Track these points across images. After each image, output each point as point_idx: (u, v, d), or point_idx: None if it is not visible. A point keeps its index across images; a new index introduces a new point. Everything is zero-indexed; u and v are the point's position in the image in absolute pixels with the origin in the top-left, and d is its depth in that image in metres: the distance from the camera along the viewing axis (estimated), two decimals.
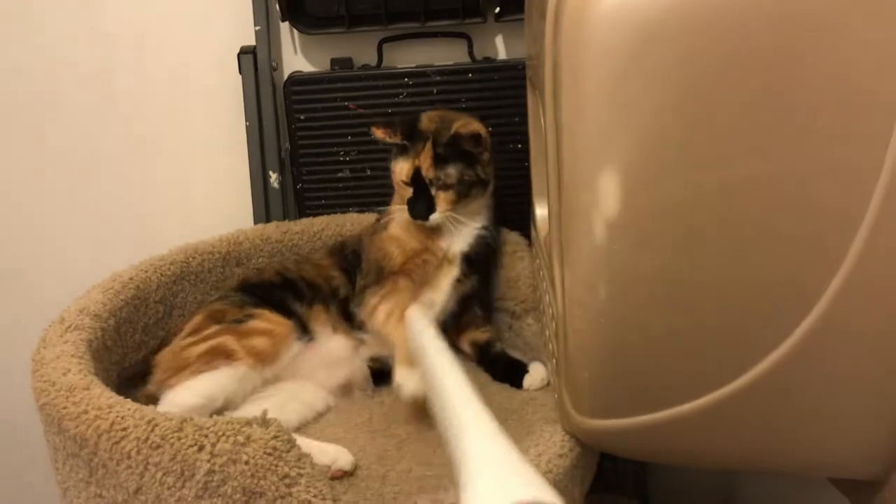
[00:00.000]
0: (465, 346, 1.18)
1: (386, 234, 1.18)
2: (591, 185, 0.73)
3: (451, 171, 1.12)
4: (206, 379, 0.98)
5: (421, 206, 1.12)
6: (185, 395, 0.97)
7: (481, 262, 1.18)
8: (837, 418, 0.78)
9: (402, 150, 1.14)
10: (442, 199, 1.12)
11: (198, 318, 1.09)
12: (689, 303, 0.75)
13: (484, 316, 1.20)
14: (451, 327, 1.19)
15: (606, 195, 0.72)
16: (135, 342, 1.10)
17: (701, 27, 0.67)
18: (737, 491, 1.46)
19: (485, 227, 1.18)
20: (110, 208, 1.50)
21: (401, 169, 1.14)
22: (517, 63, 1.33)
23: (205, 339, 1.04)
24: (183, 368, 1.00)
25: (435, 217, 1.12)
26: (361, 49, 1.38)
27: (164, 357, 1.04)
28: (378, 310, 1.10)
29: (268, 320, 1.08)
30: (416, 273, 1.15)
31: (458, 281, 1.15)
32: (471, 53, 1.36)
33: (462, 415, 0.65)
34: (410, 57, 1.38)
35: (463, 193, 1.13)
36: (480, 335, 1.17)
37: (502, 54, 1.40)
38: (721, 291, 0.74)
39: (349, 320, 1.14)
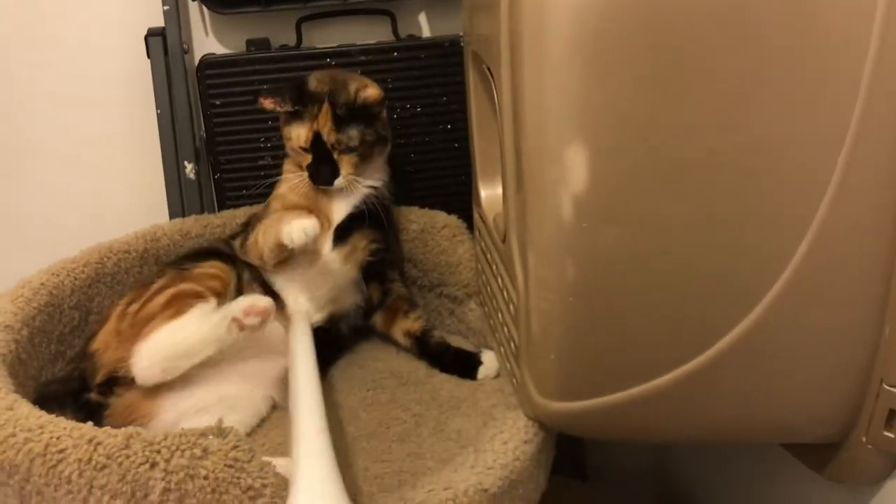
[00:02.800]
0: (399, 338, 1.13)
1: (271, 196, 1.15)
2: (556, 161, 0.71)
3: (354, 133, 1.08)
4: (184, 319, 0.92)
5: (325, 171, 1.08)
6: (168, 335, 0.91)
7: (371, 226, 1.13)
8: (798, 386, 0.79)
9: (296, 116, 1.10)
10: (346, 163, 1.09)
11: (128, 297, 1.01)
12: (658, 278, 0.74)
13: (408, 298, 1.16)
14: (378, 318, 1.15)
15: (572, 170, 0.70)
16: (50, 353, 1.02)
17: None
18: (674, 464, 1.49)
19: (373, 187, 1.14)
20: (9, 208, 1.39)
21: (297, 135, 1.10)
22: (443, 40, 1.30)
23: (159, 292, 0.97)
24: (149, 321, 0.93)
25: (339, 181, 1.09)
26: (279, 29, 1.32)
27: (106, 338, 0.96)
28: (256, 237, 1.07)
29: (209, 266, 1.03)
30: None
31: (347, 247, 1.11)
32: (395, 31, 1.32)
33: (302, 428, 0.77)
34: (331, 36, 1.34)
35: (366, 155, 1.10)
36: (413, 324, 1.12)
37: (427, 31, 1.36)
38: (689, 266, 0.73)
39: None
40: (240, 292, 1.04)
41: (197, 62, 1.29)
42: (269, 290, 1.08)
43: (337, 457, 0.90)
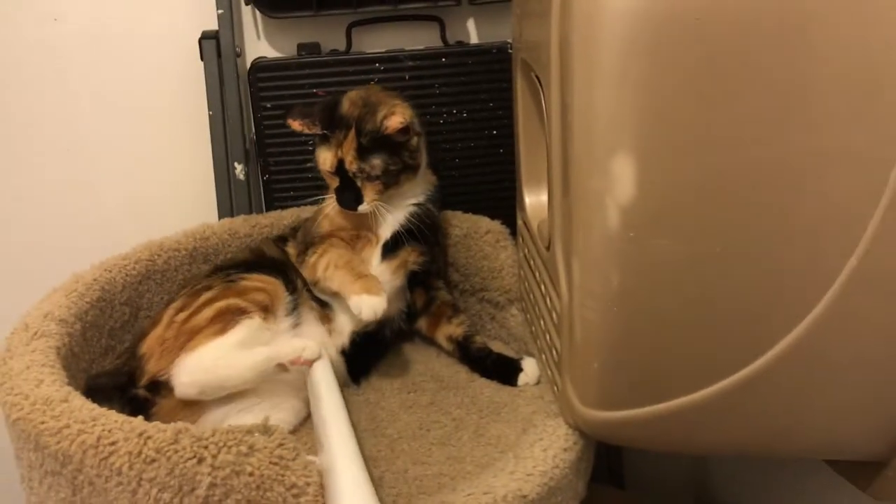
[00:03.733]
0: (443, 342, 1.14)
1: (320, 213, 1.14)
2: (604, 169, 0.71)
3: (376, 163, 1.06)
4: (232, 335, 0.94)
5: (349, 196, 1.07)
6: (212, 357, 0.92)
7: (417, 239, 1.11)
8: (845, 402, 0.77)
9: (324, 139, 1.08)
10: (369, 189, 1.07)
11: (179, 302, 1.02)
12: (703, 289, 0.74)
13: (452, 303, 1.16)
14: (423, 323, 1.16)
15: (620, 179, 0.70)
16: (101, 347, 1.04)
17: (719, 7, 0.65)
18: (713, 475, 1.47)
19: (419, 204, 1.13)
20: (66, 205, 1.42)
21: (324, 159, 1.08)
22: (491, 47, 1.31)
23: (207, 304, 0.98)
24: (195, 335, 0.94)
25: (363, 207, 1.07)
26: (329, 33, 1.33)
27: (152, 344, 0.97)
28: (318, 264, 1.06)
29: (257, 279, 1.03)
30: (347, 240, 1.11)
31: (396, 261, 1.11)
32: (443, 37, 1.32)
33: (339, 470, 0.75)
34: (380, 41, 1.34)
35: (390, 182, 1.08)
36: (455, 329, 1.13)
37: (475, 38, 1.37)
38: (735, 277, 0.73)
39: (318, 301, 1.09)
40: (295, 300, 1.05)
41: (249, 65, 1.31)
42: (319, 298, 1.09)
43: (377, 458, 0.92)
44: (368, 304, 0.98)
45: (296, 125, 1.08)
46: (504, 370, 1.06)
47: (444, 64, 1.31)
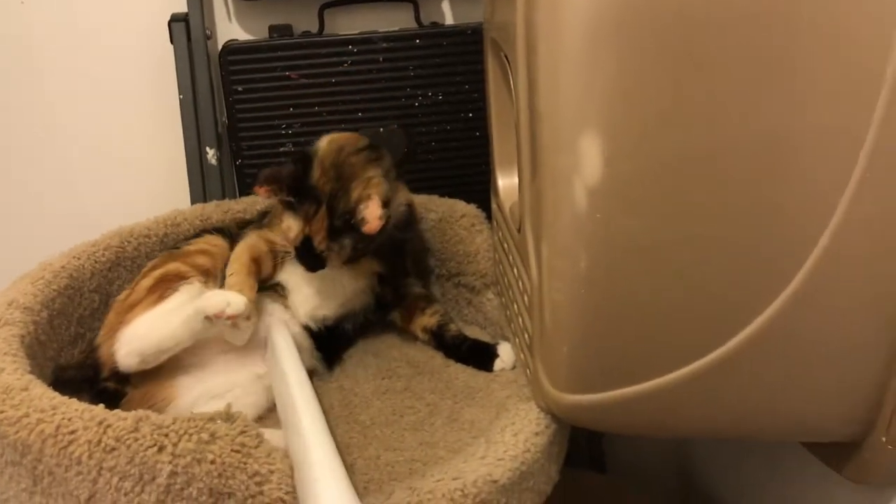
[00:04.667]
0: (419, 333, 1.12)
1: (279, 219, 1.04)
2: (572, 149, 0.70)
3: (346, 243, 0.98)
4: (169, 302, 0.92)
5: (311, 261, 1.00)
6: (146, 324, 0.90)
7: (382, 249, 1.07)
8: (818, 382, 0.77)
9: (290, 206, 0.99)
10: (335, 259, 1.00)
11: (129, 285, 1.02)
12: (673, 270, 0.73)
13: (424, 296, 1.15)
14: (397, 316, 1.14)
15: (588, 159, 0.69)
16: (70, 335, 1.03)
17: None
18: (694, 459, 1.48)
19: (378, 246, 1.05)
20: (31, 192, 1.40)
21: (289, 228, 0.99)
22: (466, 28, 1.29)
23: (146, 275, 0.97)
24: (132, 309, 0.93)
25: (326, 271, 1.02)
26: (301, 15, 1.31)
27: (104, 332, 0.96)
28: (240, 244, 1.03)
29: (202, 242, 1.02)
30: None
31: (356, 267, 1.07)
32: (417, 18, 1.31)
33: (309, 443, 0.73)
34: (354, 23, 1.33)
35: (355, 258, 1.02)
36: (429, 319, 1.11)
37: (450, 19, 1.35)
38: (706, 257, 0.72)
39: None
40: None
41: (220, 48, 1.29)
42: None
43: (349, 445, 0.91)
44: (220, 299, 0.91)
45: (262, 192, 0.98)
46: (480, 356, 1.05)
47: (419, 45, 1.29)
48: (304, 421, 0.79)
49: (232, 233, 1.09)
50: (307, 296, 1.06)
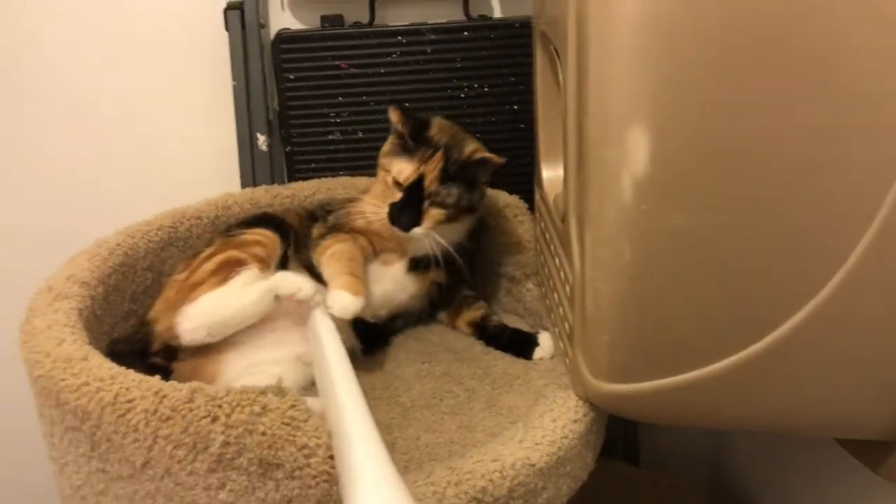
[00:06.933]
0: (463, 328, 1.15)
1: (357, 210, 1.11)
2: (619, 142, 0.71)
3: (454, 191, 1.06)
4: (232, 284, 0.95)
5: (406, 216, 1.05)
6: (212, 300, 0.94)
7: (450, 265, 1.11)
8: (858, 378, 0.77)
9: (405, 150, 1.07)
10: (431, 216, 1.06)
11: (182, 265, 1.05)
12: (717, 262, 0.73)
13: (473, 295, 1.17)
14: (443, 316, 1.17)
15: (635, 152, 0.70)
16: (123, 311, 1.06)
17: None
18: (728, 452, 1.47)
19: (458, 244, 1.12)
20: (91, 172, 1.44)
21: (400, 170, 1.07)
22: (514, 21, 1.30)
23: (207, 259, 1.00)
24: (197, 287, 0.96)
25: (417, 231, 1.06)
26: (353, 6, 1.33)
27: (160, 308, 0.99)
28: (327, 249, 1.06)
29: (256, 233, 1.05)
30: (373, 243, 1.10)
31: (420, 275, 1.12)
32: (466, 11, 1.32)
33: (352, 429, 0.70)
34: (403, 14, 1.35)
35: (453, 217, 1.08)
36: (474, 313, 1.14)
37: (498, 12, 1.36)
38: (749, 249, 0.72)
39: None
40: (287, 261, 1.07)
41: (272, 37, 1.31)
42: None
43: (390, 425, 0.93)
44: (342, 301, 0.97)
45: (395, 116, 1.08)
46: (520, 344, 1.07)
47: (467, 38, 1.31)
48: (345, 398, 0.81)
49: (285, 226, 1.12)
50: (372, 295, 1.08)
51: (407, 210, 1.05)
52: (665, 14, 0.66)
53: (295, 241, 1.11)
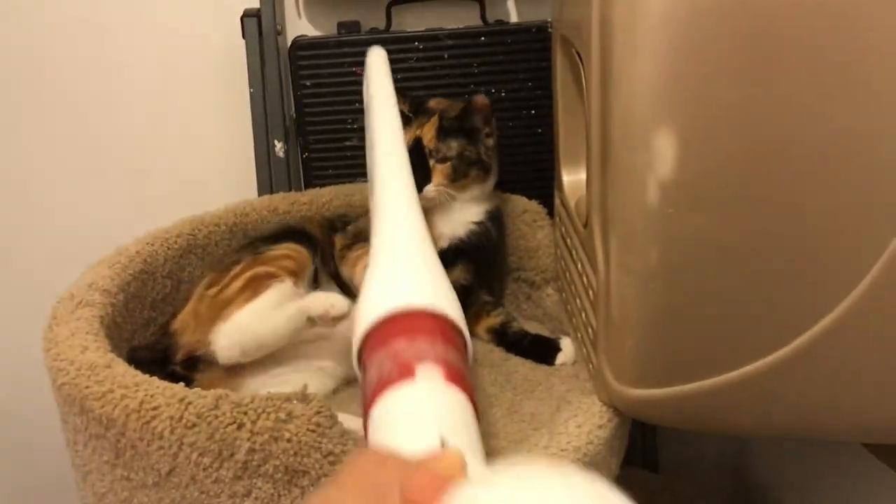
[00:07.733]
0: (482, 335, 1.14)
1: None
2: (644, 145, 0.70)
3: (453, 144, 1.11)
4: (264, 298, 0.96)
5: (417, 176, 1.06)
6: (246, 318, 0.94)
7: (473, 257, 1.13)
8: (883, 384, 0.76)
9: (405, 121, 1.09)
10: (439, 172, 1.11)
11: (209, 278, 1.04)
12: (743, 266, 0.73)
13: (493, 301, 1.17)
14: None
15: (660, 155, 0.70)
16: (143, 318, 1.06)
17: None
18: (748, 459, 1.46)
19: (479, 223, 1.15)
20: (108, 180, 1.44)
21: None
22: (531, 26, 1.30)
23: (237, 277, 1.00)
24: (228, 304, 0.96)
25: (429, 189, 1.10)
26: (369, 12, 1.33)
27: (185, 318, 0.99)
28: (359, 260, 1.06)
29: (284, 248, 1.06)
30: None
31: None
32: (483, 16, 1.32)
33: (386, 207, 0.74)
34: (420, 20, 1.34)
35: (461, 171, 1.12)
36: (493, 320, 1.13)
37: (514, 17, 1.36)
38: (778, 252, 0.72)
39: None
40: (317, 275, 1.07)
41: (289, 43, 1.31)
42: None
43: None
44: (324, 300, 0.96)
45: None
46: (541, 350, 1.07)
47: (484, 43, 1.30)
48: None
49: (310, 238, 1.12)
50: None
51: (415, 171, 1.06)
52: (692, 15, 0.65)
53: (322, 252, 1.11)
